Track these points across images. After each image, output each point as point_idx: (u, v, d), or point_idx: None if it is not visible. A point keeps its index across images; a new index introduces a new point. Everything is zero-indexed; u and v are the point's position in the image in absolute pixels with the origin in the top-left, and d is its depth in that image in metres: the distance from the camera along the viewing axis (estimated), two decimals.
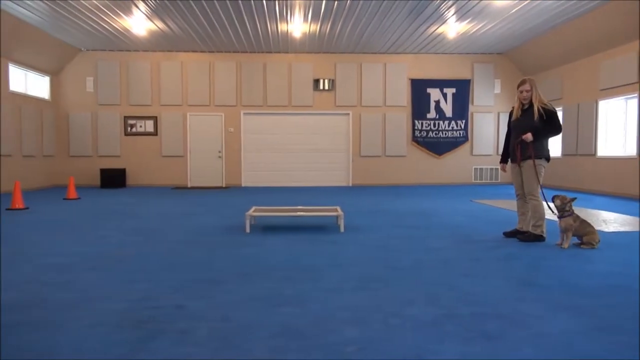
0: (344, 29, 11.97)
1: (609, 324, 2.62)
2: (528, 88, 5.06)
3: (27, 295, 3.18)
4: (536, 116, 4.98)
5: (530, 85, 5.06)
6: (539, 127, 4.99)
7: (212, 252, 4.65)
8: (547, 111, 5.00)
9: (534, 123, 5.00)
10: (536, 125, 4.99)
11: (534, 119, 4.99)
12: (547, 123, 4.99)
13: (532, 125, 5.00)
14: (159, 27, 11.78)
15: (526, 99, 5.10)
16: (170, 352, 2.26)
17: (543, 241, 5.10)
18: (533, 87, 5.07)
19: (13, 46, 11.47)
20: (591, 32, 10.98)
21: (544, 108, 5.01)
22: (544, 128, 5.00)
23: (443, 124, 14.86)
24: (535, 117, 4.99)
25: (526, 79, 5.13)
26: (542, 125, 4.99)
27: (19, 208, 8.23)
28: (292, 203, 9.00)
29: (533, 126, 5.00)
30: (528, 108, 5.11)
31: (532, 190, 5.10)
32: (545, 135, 5.06)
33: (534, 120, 5.00)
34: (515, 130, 5.22)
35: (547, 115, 4.99)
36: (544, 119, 4.99)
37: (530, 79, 5.13)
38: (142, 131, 14.46)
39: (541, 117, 4.98)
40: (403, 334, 2.48)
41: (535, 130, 4.98)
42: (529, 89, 5.06)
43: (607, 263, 4.13)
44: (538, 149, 5.05)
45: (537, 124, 4.99)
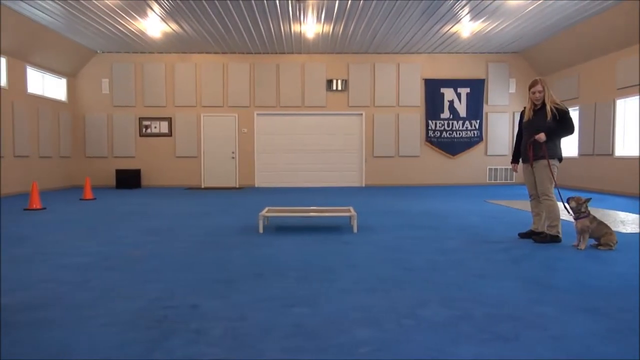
0: (357, 29, 11.96)
1: (626, 326, 2.58)
2: (540, 89, 5.02)
3: (44, 294, 3.23)
4: (549, 116, 4.94)
5: (542, 85, 5.02)
6: (552, 127, 4.95)
7: (226, 252, 4.68)
8: (560, 111, 4.96)
9: (547, 123, 4.95)
10: (549, 125, 4.95)
11: (547, 119, 4.95)
12: (560, 123, 4.95)
13: (545, 125, 4.96)
14: (173, 29, 11.88)
15: (538, 99, 5.05)
16: (184, 352, 2.27)
17: (559, 242, 5.04)
18: (545, 87, 5.03)
19: (31, 49, 11.66)
20: (607, 30, 10.83)
21: (556, 108, 4.97)
22: (557, 128, 4.96)
23: (457, 124, 14.77)
24: (548, 117, 4.94)
25: (538, 80, 5.08)
26: (555, 125, 4.95)
27: (37, 208, 8.35)
28: (306, 203, 9.00)
29: (546, 126, 4.95)
30: (540, 108, 5.06)
31: (545, 190, 5.05)
32: (558, 135, 5.02)
33: (546, 121, 4.95)
34: (527, 130, 5.18)
35: (560, 115, 4.94)
36: (557, 119, 4.94)
37: (541, 79, 5.09)
38: (157, 132, 14.59)
39: (554, 117, 4.94)
40: (417, 335, 2.47)
41: (549, 131, 4.94)
42: (541, 90, 5.02)
43: (625, 264, 4.07)
44: (551, 149, 5.01)
45: (550, 124, 4.95)
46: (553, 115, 4.94)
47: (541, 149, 5.00)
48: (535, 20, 11.10)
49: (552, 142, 5.01)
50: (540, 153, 5.01)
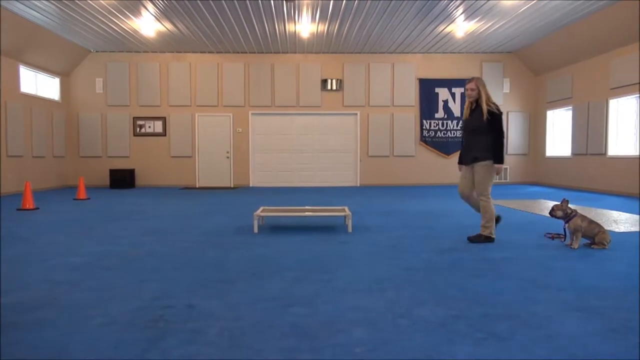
0: (352, 29, 11.97)
1: (621, 325, 2.60)
2: (473, 87, 4.98)
3: (40, 295, 3.21)
4: (485, 116, 4.88)
5: (476, 84, 4.98)
6: (486, 127, 4.90)
7: (221, 252, 4.67)
8: (490, 113, 4.89)
9: (482, 123, 4.91)
10: (484, 125, 4.90)
11: (483, 119, 4.90)
12: (490, 124, 4.89)
13: (480, 125, 4.92)
14: (168, 29, 11.84)
15: (471, 97, 5.03)
16: (181, 352, 2.27)
17: (492, 242, 5.03)
18: (479, 86, 4.97)
19: (24, 48, 11.58)
20: (601, 30, 10.90)
21: (488, 110, 4.90)
22: (490, 130, 4.91)
23: (451, 123, 14.81)
24: (484, 117, 4.89)
25: (473, 78, 5.06)
26: (489, 125, 4.90)
27: (30, 208, 8.30)
28: (301, 203, 9.00)
29: (481, 126, 4.92)
30: (476, 108, 5.02)
31: (483, 190, 4.99)
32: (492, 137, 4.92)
33: (482, 121, 4.91)
34: (465, 130, 5.16)
35: (490, 117, 4.89)
36: (489, 121, 4.89)
37: (477, 78, 5.06)
38: (151, 132, 14.54)
39: (493, 117, 4.89)
40: (413, 335, 2.48)
41: (483, 130, 4.91)
42: (474, 88, 4.98)
43: (619, 263, 4.10)
44: (486, 150, 4.94)
45: (484, 124, 4.90)
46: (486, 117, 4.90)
47: (480, 150, 4.95)
48: (530, 20, 11.15)
49: (485, 143, 4.94)
50: (479, 154, 4.96)
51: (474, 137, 5.04)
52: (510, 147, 14.97)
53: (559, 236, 5.19)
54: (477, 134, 4.99)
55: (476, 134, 5.00)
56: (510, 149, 14.97)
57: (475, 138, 5.01)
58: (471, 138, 5.08)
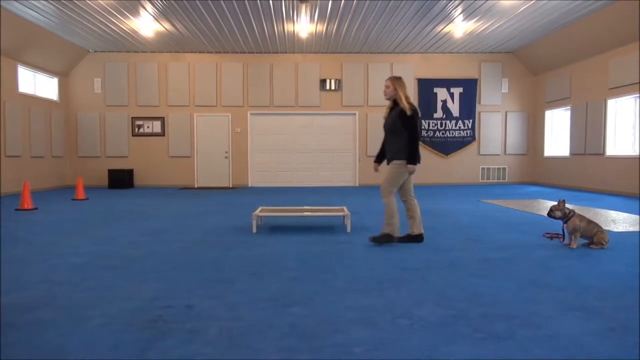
0: (351, 29, 11.97)
1: (620, 325, 2.60)
2: (388, 84, 4.98)
3: (39, 295, 3.21)
4: (408, 113, 4.85)
5: (392, 83, 4.96)
6: (401, 127, 4.89)
7: (220, 252, 4.67)
8: (401, 112, 4.88)
9: (397, 123, 4.91)
10: (399, 125, 4.89)
11: (399, 118, 4.89)
12: (404, 124, 4.88)
13: (396, 124, 4.92)
14: (166, 29, 11.83)
15: (386, 95, 5.03)
16: (180, 352, 2.27)
17: (394, 241, 5.02)
18: (396, 85, 4.94)
19: (22, 48, 11.57)
20: (600, 30, 10.91)
21: (401, 109, 4.88)
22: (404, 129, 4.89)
23: (450, 123, 14.82)
24: (402, 115, 4.87)
25: (390, 77, 5.05)
26: (404, 125, 4.88)
27: (28, 208, 8.29)
28: (299, 203, 9.00)
29: (396, 126, 4.92)
30: (394, 108, 5.01)
31: (387, 188, 5.01)
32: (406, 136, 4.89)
33: (397, 120, 4.90)
34: (384, 129, 5.14)
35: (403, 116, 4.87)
36: (407, 119, 4.87)
37: (394, 77, 5.03)
38: (150, 132, 14.53)
39: (403, 116, 4.87)
40: (412, 335, 2.48)
41: (398, 130, 4.90)
42: (388, 85, 4.97)
43: (617, 263, 4.10)
44: (399, 150, 4.93)
45: (399, 123, 4.89)
46: (403, 115, 4.87)
47: (393, 150, 4.95)
48: (528, 20, 11.16)
49: (400, 143, 4.92)
50: (393, 154, 4.98)
51: (390, 137, 5.02)
52: (509, 147, 14.99)
53: (558, 236, 5.20)
54: (392, 133, 4.97)
55: (391, 133, 4.98)
56: (509, 149, 14.99)
57: (391, 138, 5.00)
58: (388, 137, 5.06)
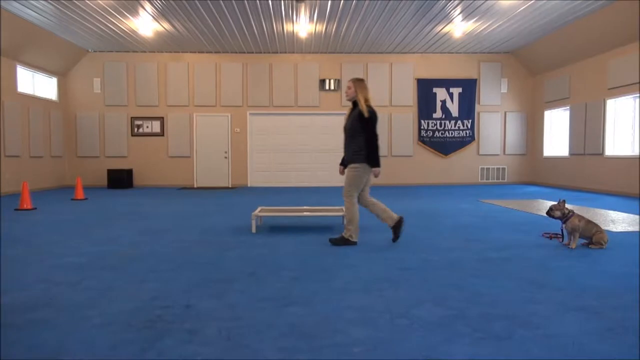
0: (350, 29, 11.97)
1: (619, 325, 2.60)
2: (350, 85, 4.97)
3: (38, 295, 3.20)
4: (366, 115, 4.83)
5: (353, 85, 4.95)
6: (360, 129, 4.86)
7: (219, 252, 4.66)
8: (360, 114, 4.86)
9: (356, 125, 4.88)
10: (358, 127, 4.86)
11: (358, 120, 4.86)
12: (363, 126, 4.85)
13: (355, 127, 4.90)
14: (166, 28, 11.82)
15: (348, 96, 5.01)
16: (179, 352, 2.27)
17: (354, 245, 4.99)
18: (356, 87, 4.93)
19: (21, 48, 11.56)
20: (599, 31, 10.92)
21: (360, 111, 4.87)
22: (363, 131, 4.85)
23: (449, 123, 14.82)
24: (362, 116, 4.84)
25: (352, 79, 5.03)
26: (363, 126, 4.85)
27: (27, 208, 8.28)
28: (299, 203, 9.00)
29: (355, 128, 4.90)
30: (354, 109, 4.99)
31: (348, 191, 4.96)
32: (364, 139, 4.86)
33: (356, 122, 4.88)
34: (344, 131, 5.08)
35: (361, 118, 4.85)
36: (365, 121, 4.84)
37: (356, 79, 5.02)
38: (149, 132, 14.52)
39: (361, 119, 4.85)
40: (411, 335, 2.48)
41: (357, 132, 4.88)
42: (350, 86, 4.96)
43: (616, 263, 4.11)
44: (356, 152, 4.90)
45: (358, 125, 4.86)
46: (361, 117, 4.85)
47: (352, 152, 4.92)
48: (527, 20, 11.17)
49: (358, 145, 4.89)
50: (351, 156, 4.96)
51: (349, 139, 4.99)
52: (508, 147, 15.00)
53: (557, 236, 5.20)
54: (351, 135, 4.94)
55: (350, 135, 4.95)
56: (508, 149, 15.00)
57: (350, 140, 4.96)
58: (347, 139, 5.02)
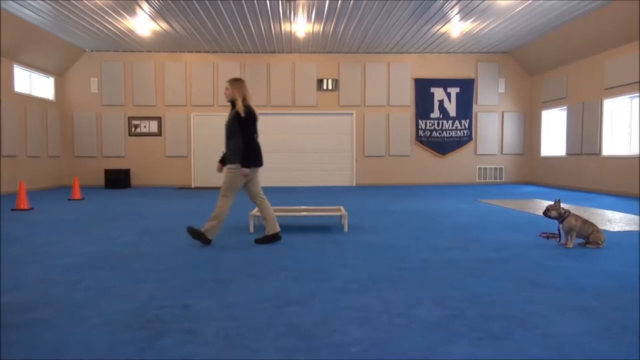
0: (348, 28, 11.97)
1: (617, 325, 2.61)
2: (227, 86, 4.96)
3: (36, 295, 3.19)
4: (242, 115, 4.84)
5: (231, 85, 4.95)
6: (237, 130, 4.87)
7: (217, 252, 4.66)
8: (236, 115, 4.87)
9: (233, 125, 4.90)
10: (235, 128, 4.87)
11: (235, 120, 4.87)
12: (239, 127, 4.85)
13: (233, 127, 4.90)
14: (163, 28, 11.80)
15: (227, 97, 4.99)
16: (177, 352, 2.26)
17: (208, 244, 4.98)
18: (233, 87, 4.92)
19: (18, 47, 11.52)
20: (596, 31, 10.95)
21: (236, 112, 4.87)
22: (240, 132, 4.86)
23: (447, 123, 14.84)
24: (239, 117, 4.85)
25: (230, 79, 5.03)
26: (239, 127, 4.85)
27: (24, 209, 8.26)
28: (296, 203, 9.00)
29: (233, 128, 4.90)
30: (233, 109, 4.96)
31: (223, 191, 4.98)
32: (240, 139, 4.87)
33: (233, 122, 4.89)
34: (225, 131, 5.09)
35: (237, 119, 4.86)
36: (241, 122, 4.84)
37: (233, 79, 5.03)
38: (147, 132, 14.49)
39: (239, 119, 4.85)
40: (409, 335, 2.48)
41: (234, 133, 4.88)
42: (227, 87, 4.96)
43: (614, 263, 4.12)
44: (233, 154, 4.91)
45: (235, 126, 4.87)
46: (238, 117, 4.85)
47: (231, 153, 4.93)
48: (525, 20, 11.19)
49: (235, 146, 4.90)
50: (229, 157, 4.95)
51: (227, 139, 5.00)
52: (506, 146, 15.02)
53: (554, 236, 5.21)
54: (229, 136, 4.96)
55: (229, 136, 4.96)
56: (506, 149, 15.03)
57: (228, 140, 4.98)
58: (226, 140, 5.03)
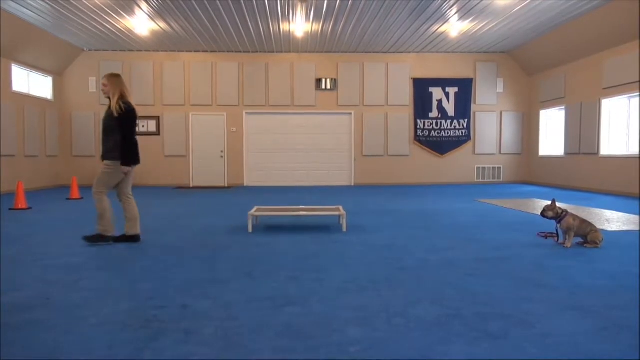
0: (346, 28, 11.97)
1: (614, 324, 2.61)
2: (105, 82, 4.90)
3: (34, 295, 3.19)
4: (115, 114, 4.80)
5: (108, 81, 4.89)
6: (114, 126, 4.84)
7: (215, 252, 4.66)
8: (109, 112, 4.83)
9: (110, 122, 4.86)
10: (112, 124, 4.84)
11: (111, 117, 4.84)
12: (117, 124, 4.82)
13: (109, 123, 4.86)
14: (162, 28, 11.79)
15: (105, 93, 4.94)
16: (175, 352, 2.26)
17: (109, 242, 4.96)
18: (110, 83, 4.87)
19: (16, 47, 11.50)
20: (594, 30, 10.96)
21: (118, 108, 4.81)
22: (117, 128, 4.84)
23: (445, 123, 14.85)
24: (114, 114, 4.81)
25: (107, 75, 4.97)
26: (116, 124, 4.83)
27: (22, 208, 8.25)
28: (295, 203, 9.00)
29: (109, 125, 4.86)
30: (109, 105, 4.94)
31: (98, 187, 4.96)
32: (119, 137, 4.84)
33: (109, 119, 4.86)
34: (101, 127, 5.06)
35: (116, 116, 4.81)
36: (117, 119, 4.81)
37: (111, 74, 4.96)
38: (145, 131, 14.46)
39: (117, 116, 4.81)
40: (407, 334, 2.48)
41: (111, 129, 4.86)
42: (105, 83, 4.90)
43: (612, 262, 4.12)
44: (109, 150, 4.87)
45: (112, 122, 4.83)
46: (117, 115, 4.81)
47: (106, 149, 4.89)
48: (523, 20, 11.20)
49: (111, 142, 4.87)
50: (105, 153, 4.91)
51: (103, 136, 4.97)
52: (504, 146, 15.04)
53: (552, 235, 5.22)
54: (105, 132, 4.93)
55: (104, 132, 4.93)
56: (504, 149, 15.04)
57: (104, 136, 4.95)
58: (103, 136, 4.98)
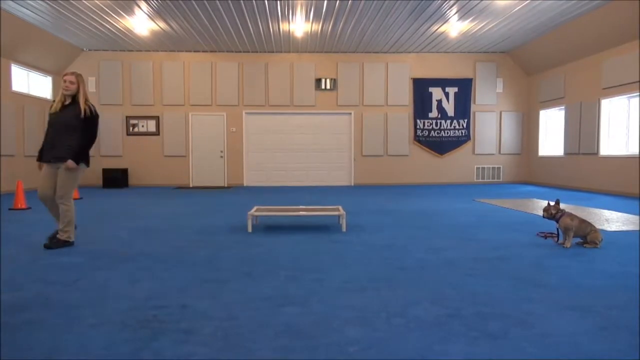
0: (346, 28, 11.97)
1: (613, 324, 2.61)
2: (73, 80, 4.78)
3: (33, 295, 3.19)
4: (82, 114, 4.72)
5: (77, 79, 4.80)
6: (81, 126, 4.75)
7: (215, 251, 4.66)
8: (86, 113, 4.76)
9: (75, 121, 4.73)
10: (78, 124, 4.74)
11: (77, 116, 4.73)
12: (85, 124, 4.76)
13: (73, 123, 4.73)
14: (161, 27, 11.79)
15: (68, 90, 4.78)
16: (174, 352, 2.26)
17: (71, 246, 4.88)
18: (80, 83, 4.81)
19: (16, 47, 11.49)
20: (594, 30, 10.96)
21: (88, 109, 4.77)
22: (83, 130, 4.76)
23: (445, 123, 14.85)
24: (81, 114, 4.72)
25: (73, 72, 4.89)
26: (84, 125, 4.75)
27: (22, 208, 8.24)
28: (295, 202, 9.00)
29: (73, 124, 4.74)
30: (71, 104, 4.81)
31: (65, 194, 4.78)
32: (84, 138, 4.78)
33: (77, 118, 4.73)
34: (52, 124, 4.81)
35: (88, 117, 4.76)
36: (85, 121, 4.75)
37: (78, 73, 4.89)
38: (144, 131, 14.47)
39: (84, 117, 4.75)
40: (407, 334, 2.48)
41: (76, 129, 4.75)
42: (74, 82, 4.78)
43: (611, 262, 4.12)
44: (77, 151, 4.75)
45: (79, 122, 4.74)
46: (84, 115, 4.74)
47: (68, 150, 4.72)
48: (523, 20, 11.20)
49: (76, 143, 4.76)
50: (66, 154, 4.73)
51: (63, 135, 4.76)
52: (504, 146, 15.04)
53: (552, 235, 5.22)
54: (67, 131, 4.76)
55: (66, 131, 4.76)
56: (504, 149, 15.05)
57: (64, 135, 4.76)
58: (59, 135, 4.77)
